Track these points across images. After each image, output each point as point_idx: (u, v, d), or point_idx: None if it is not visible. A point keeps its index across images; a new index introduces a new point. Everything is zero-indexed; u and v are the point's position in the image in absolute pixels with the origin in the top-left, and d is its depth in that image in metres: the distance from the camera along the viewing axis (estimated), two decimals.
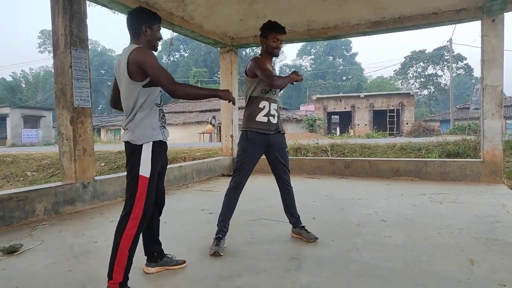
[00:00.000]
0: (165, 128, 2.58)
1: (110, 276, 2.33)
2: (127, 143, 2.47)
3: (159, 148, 2.48)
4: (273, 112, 3.38)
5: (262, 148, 3.39)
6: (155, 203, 2.60)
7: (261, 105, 3.33)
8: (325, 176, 7.86)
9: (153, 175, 2.44)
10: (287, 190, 3.57)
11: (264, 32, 3.40)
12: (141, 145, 2.40)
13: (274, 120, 3.38)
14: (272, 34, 3.36)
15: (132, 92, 2.43)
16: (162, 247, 2.85)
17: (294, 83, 3.35)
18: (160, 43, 2.69)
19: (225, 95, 2.61)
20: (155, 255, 2.78)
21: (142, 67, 2.36)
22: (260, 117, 3.33)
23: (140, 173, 2.39)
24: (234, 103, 2.77)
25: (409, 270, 2.82)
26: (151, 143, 2.42)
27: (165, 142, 2.56)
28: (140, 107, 2.43)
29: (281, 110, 35.40)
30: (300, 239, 3.54)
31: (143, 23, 2.51)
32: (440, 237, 3.62)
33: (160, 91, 2.55)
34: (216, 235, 3.33)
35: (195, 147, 13.48)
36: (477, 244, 3.37)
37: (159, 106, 2.54)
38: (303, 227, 3.58)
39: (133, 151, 2.43)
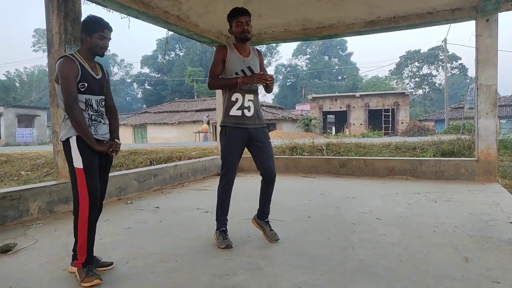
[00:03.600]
0: (96, 125, 2.70)
1: (74, 257, 2.67)
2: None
3: (83, 144, 2.60)
4: (247, 104, 3.24)
5: (242, 141, 3.28)
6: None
7: (233, 98, 3.22)
8: (320, 175, 7.88)
9: (87, 166, 2.60)
10: (269, 182, 3.39)
11: (228, 21, 3.39)
12: (67, 140, 2.62)
13: (249, 113, 3.24)
14: (234, 20, 3.32)
15: (59, 94, 2.66)
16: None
17: (263, 86, 3.18)
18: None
19: None
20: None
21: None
22: (234, 111, 3.22)
23: (74, 166, 2.60)
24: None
25: (404, 267, 2.83)
26: (74, 137, 2.60)
27: (97, 139, 2.68)
28: (63, 108, 2.64)
29: (277, 109, 35.57)
30: (264, 235, 3.48)
31: (82, 31, 2.70)
32: (435, 235, 3.64)
33: (89, 99, 2.68)
34: (219, 229, 3.34)
35: (190, 146, 13.46)
36: (471, 242, 3.39)
37: (87, 111, 2.67)
38: (268, 222, 3.50)
39: (63, 148, 2.67)
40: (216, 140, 10.44)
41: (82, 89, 2.63)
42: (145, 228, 2.45)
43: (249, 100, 3.25)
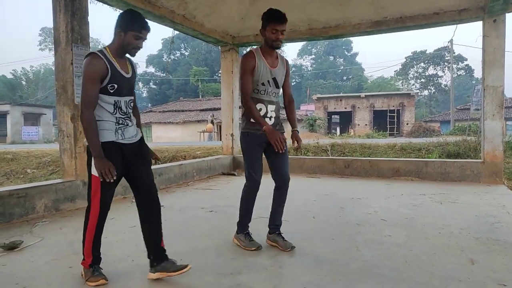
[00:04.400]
0: (123, 129, 2.54)
1: (83, 257, 2.63)
2: None
3: (110, 149, 2.46)
4: (270, 114, 3.22)
5: (261, 146, 3.25)
6: (144, 198, 2.72)
7: (257, 107, 3.17)
8: (325, 176, 7.86)
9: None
10: (283, 188, 3.33)
11: (263, 22, 3.17)
12: (88, 149, 2.48)
13: (270, 122, 3.20)
14: (271, 25, 3.12)
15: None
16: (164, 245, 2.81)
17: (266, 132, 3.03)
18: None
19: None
20: (151, 258, 2.65)
21: None
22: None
23: (92, 172, 2.50)
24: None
25: (409, 269, 2.82)
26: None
27: (124, 143, 2.54)
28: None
29: (282, 109, 35.39)
30: (277, 246, 3.30)
31: (118, 26, 2.49)
32: (440, 236, 3.62)
33: (118, 101, 2.52)
34: (243, 233, 3.32)
35: (195, 145, 13.48)
36: (477, 244, 3.37)
37: (115, 114, 2.51)
38: (280, 233, 3.36)
39: (87, 150, 2.54)
40: (220, 140, 10.45)
41: (112, 91, 2.46)
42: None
43: (271, 111, 3.25)
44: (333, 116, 37.38)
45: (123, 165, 2.55)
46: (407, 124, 31.38)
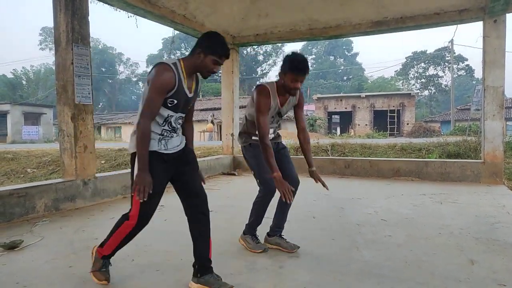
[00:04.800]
0: (167, 140, 2.45)
1: (102, 245, 2.57)
2: None
3: (152, 159, 2.34)
4: (271, 131, 3.19)
5: None
6: (192, 204, 2.58)
7: None
8: (325, 176, 7.85)
9: None
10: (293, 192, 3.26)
11: (284, 66, 2.97)
12: (133, 153, 2.37)
13: (270, 136, 3.15)
14: (292, 74, 2.91)
15: (146, 90, 2.36)
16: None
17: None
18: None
19: None
20: (195, 268, 2.55)
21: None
22: (256, 137, 3.14)
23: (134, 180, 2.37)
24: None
25: (409, 269, 2.82)
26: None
27: (166, 153, 2.43)
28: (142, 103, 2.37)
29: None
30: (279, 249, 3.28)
31: (200, 45, 2.38)
32: (440, 237, 3.62)
33: (170, 116, 2.41)
34: (250, 234, 3.29)
35: (195, 145, 13.45)
36: (477, 244, 3.37)
37: (163, 126, 2.42)
38: (281, 236, 3.34)
39: (130, 159, 2.45)
40: (220, 139, 10.46)
41: (170, 105, 2.36)
42: (150, 227, 2.46)
43: (271, 133, 3.21)
44: (333, 116, 37.35)
45: (167, 173, 2.47)
46: (408, 124, 31.36)
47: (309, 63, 3.01)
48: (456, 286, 2.51)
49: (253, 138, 3.18)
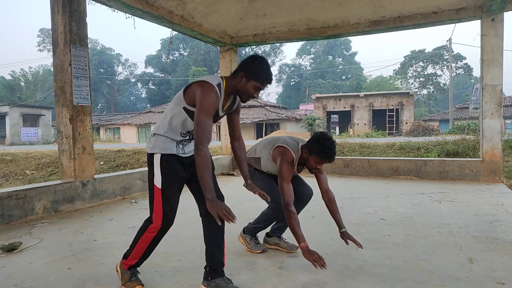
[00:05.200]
0: (185, 144, 2.44)
1: (126, 256, 2.52)
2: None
3: (172, 161, 2.37)
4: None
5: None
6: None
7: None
8: None
9: (166, 187, 2.37)
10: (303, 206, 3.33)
11: (312, 148, 2.81)
12: (151, 154, 2.38)
13: None
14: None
15: (173, 107, 2.35)
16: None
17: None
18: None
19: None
20: (206, 270, 2.49)
21: (194, 97, 2.25)
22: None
23: (154, 183, 2.38)
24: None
25: (408, 268, 2.82)
26: (159, 155, 2.35)
27: (184, 156, 2.43)
28: (168, 123, 2.35)
29: (281, 109, 35.54)
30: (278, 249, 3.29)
31: (243, 68, 2.33)
32: (439, 235, 3.63)
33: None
34: (250, 235, 3.30)
35: None
36: (476, 243, 3.38)
37: (184, 136, 2.41)
38: (281, 236, 3.35)
39: (147, 159, 2.44)
40: (220, 140, 10.46)
41: None
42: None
43: None
44: (332, 116, 37.39)
45: (184, 175, 2.47)
46: (406, 123, 31.39)
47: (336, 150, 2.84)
48: (455, 285, 2.51)
49: (257, 168, 3.14)
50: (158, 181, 2.37)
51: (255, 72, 2.30)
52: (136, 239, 2.49)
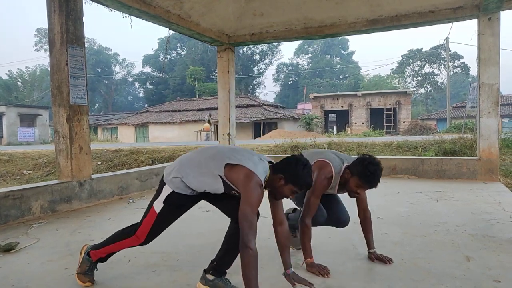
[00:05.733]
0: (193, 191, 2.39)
1: (96, 247, 2.57)
2: None
3: (181, 198, 2.37)
4: None
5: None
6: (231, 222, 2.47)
7: None
8: None
9: (163, 216, 2.38)
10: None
11: (356, 169, 2.68)
12: (166, 185, 2.38)
13: None
14: (360, 183, 2.69)
15: (207, 171, 2.28)
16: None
17: None
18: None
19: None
20: (212, 264, 2.50)
21: (236, 183, 2.19)
22: None
23: (153, 204, 2.40)
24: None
25: (405, 266, 2.83)
26: (171, 191, 2.35)
27: (190, 195, 2.40)
28: (199, 181, 2.30)
29: (278, 108, 35.55)
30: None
31: (283, 171, 2.24)
32: (436, 234, 3.64)
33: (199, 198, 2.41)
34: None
35: (192, 145, 13.47)
36: (473, 241, 3.39)
37: (207, 193, 2.37)
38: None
39: (160, 182, 2.45)
40: (217, 139, 10.45)
41: (232, 192, 2.28)
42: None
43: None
44: (330, 115, 37.42)
45: (191, 205, 2.50)
46: (404, 122, 31.45)
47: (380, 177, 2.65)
48: (452, 283, 2.52)
49: None
50: (158, 207, 2.38)
51: (296, 177, 2.22)
52: (114, 239, 2.53)
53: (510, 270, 2.73)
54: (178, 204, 2.41)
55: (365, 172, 2.60)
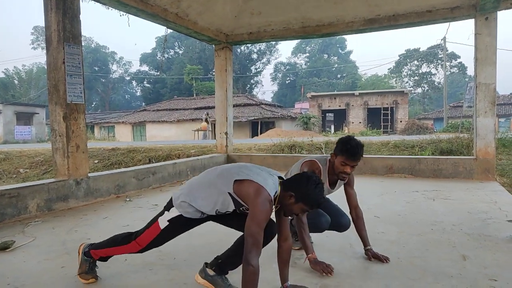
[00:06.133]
0: (203, 214, 2.38)
1: (96, 247, 2.58)
2: None
3: (185, 221, 2.37)
4: None
5: None
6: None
7: None
8: None
9: (166, 233, 2.38)
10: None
11: (337, 148, 2.84)
12: (173, 206, 2.37)
13: None
14: (343, 158, 2.78)
15: (214, 191, 2.26)
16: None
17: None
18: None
19: None
20: (217, 260, 2.50)
21: (246, 198, 2.16)
22: None
23: (158, 219, 2.39)
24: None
25: (402, 265, 2.84)
26: (177, 212, 2.34)
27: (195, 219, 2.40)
28: (209, 203, 2.28)
29: (276, 107, 35.55)
30: None
31: (296, 191, 2.16)
32: (432, 233, 3.65)
33: (219, 212, 2.33)
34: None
35: (189, 144, 13.45)
36: (469, 240, 3.40)
37: (218, 213, 2.35)
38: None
39: (169, 201, 2.43)
40: (214, 138, 10.45)
41: (241, 210, 2.26)
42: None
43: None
44: (327, 114, 37.46)
45: (195, 225, 2.49)
46: (401, 121, 31.53)
47: (363, 150, 2.79)
48: (448, 282, 2.53)
49: None
50: (162, 224, 2.37)
51: (307, 196, 2.15)
52: (114, 243, 2.54)
53: (505, 268, 2.74)
54: (184, 225, 2.41)
55: (346, 147, 2.77)
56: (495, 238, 3.44)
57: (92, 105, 61.35)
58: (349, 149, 2.75)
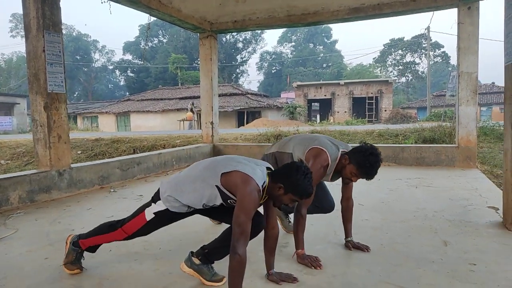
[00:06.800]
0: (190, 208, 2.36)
1: (83, 237, 2.58)
2: None
3: (171, 215, 2.36)
4: None
5: None
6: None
7: None
8: None
9: (152, 224, 2.39)
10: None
11: (355, 158, 2.67)
12: (160, 201, 2.35)
13: None
14: (357, 172, 2.67)
15: (202, 184, 2.24)
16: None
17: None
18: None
19: None
20: (203, 250, 2.47)
21: (234, 189, 2.14)
22: None
23: (145, 210, 2.38)
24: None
25: (385, 251, 2.89)
26: (162, 206, 2.33)
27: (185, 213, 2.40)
28: (195, 196, 2.26)
29: (262, 97, 35.48)
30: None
31: (284, 181, 2.14)
32: (415, 219, 3.72)
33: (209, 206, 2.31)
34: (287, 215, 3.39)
35: (174, 134, 13.35)
36: (450, 226, 3.48)
37: (205, 207, 2.33)
38: (288, 214, 3.45)
39: (155, 193, 2.41)
40: (200, 128, 10.39)
41: (229, 203, 2.24)
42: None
43: None
44: (313, 104, 37.58)
45: (181, 218, 2.47)
46: (385, 110, 31.83)
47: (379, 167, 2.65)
48: (429, 267, 2.58)
49: None
50: (148, 216, 2.37)
51: (297, 186, 2.12)
52: (101, 231, 2.54)
53: (485, 253, 2.82)
54: (170, 218, 2.41)
55: (365, 162, 2.57)
56: (475, 224, 3.52)
57: (75, 95, 60.20)
58: (368, 169, 2.59)
